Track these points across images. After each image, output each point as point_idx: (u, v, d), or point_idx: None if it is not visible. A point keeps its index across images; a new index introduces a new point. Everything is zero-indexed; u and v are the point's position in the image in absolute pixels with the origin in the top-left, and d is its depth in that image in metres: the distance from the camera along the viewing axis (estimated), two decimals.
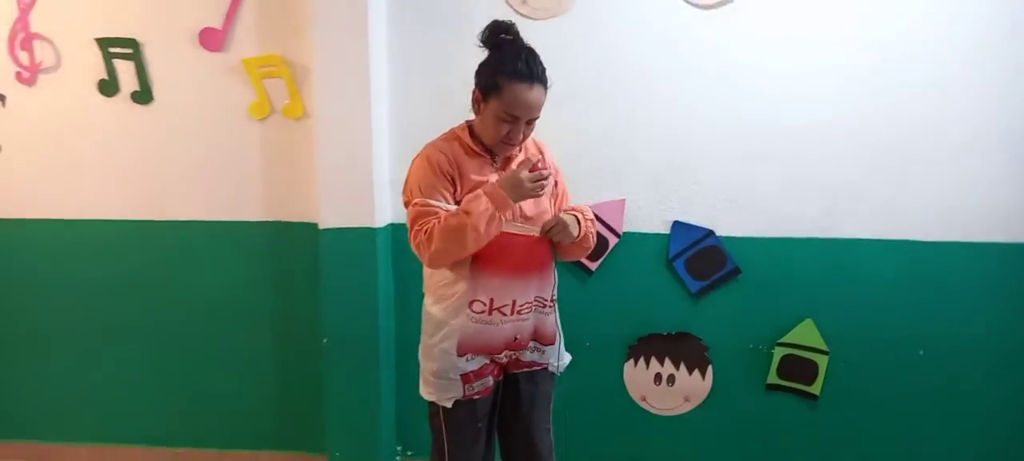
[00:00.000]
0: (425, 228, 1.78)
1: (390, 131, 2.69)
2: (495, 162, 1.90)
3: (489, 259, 1.82)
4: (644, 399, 2.74)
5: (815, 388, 2.64)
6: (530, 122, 1.84)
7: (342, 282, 2.67)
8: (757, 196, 2.58)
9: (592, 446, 2.77)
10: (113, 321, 2.91)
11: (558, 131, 2.49)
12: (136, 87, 2.79)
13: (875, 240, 2.55)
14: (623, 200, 2.64)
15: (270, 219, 2.80)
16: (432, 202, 1.80)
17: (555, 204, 2.00)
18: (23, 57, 2.81)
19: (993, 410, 2.60)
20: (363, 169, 2.59)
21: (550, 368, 2.03)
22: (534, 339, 1.96)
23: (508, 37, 1.83)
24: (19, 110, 2.85)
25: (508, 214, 1.79)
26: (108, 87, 2.80)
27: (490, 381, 1.92)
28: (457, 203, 1.82)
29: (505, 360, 1.95)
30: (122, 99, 2.80)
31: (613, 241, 2.65)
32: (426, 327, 1.94)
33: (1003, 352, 2.57)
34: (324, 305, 2.70)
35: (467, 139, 1.88)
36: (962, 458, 2.63)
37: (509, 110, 1.77)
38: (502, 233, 1.79)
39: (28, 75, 2.82)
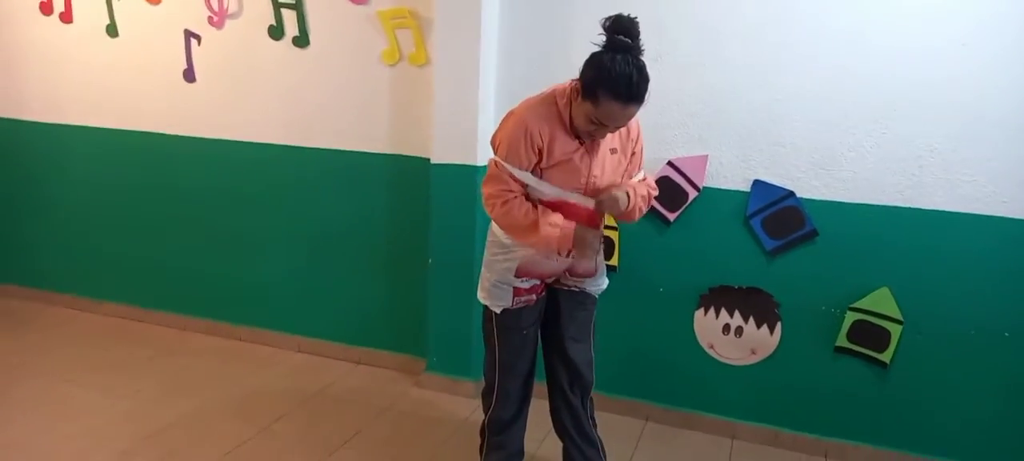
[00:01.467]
0: (503, 199, 2.00)
1: (497, 83, 3.01)
2: (583, 142, 2.04)
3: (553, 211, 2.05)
4: (711, 347, 2.89)
5: (886, 356, 2.66)
6: (616, 128, 1.98)
7: (447, 211, 3.06)
8: (841, 161, 2.61)
9: (659, 385, 2.97)
10: (266, 227, 3.53)
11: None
12: (297, 33, 3.31)
13: (963, 213, 2.50)
14: (706, 156, 2.77)
15: (392, 152, 3.24)
16: (513, 170, 1.99)
17: (628, 166, 2.17)
18: (214, 4, 3.44)
19: None
20: (470, 114, 2.94)
21: (589, 290, 2.28)
22: (580, 275, 2.23)
23: (626, 40, 1.88)
24: (210, 48, 3.50)
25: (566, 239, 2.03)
26: (276, 31, 3.35)
27: (534, 297, 2.19)
28: (538, 172, 2.02)
29: (551, 280, 2.23)
30: (286, 42, 3.35)
31: (692, 194, 2.80)
32: (491, 245, 2.22)
33: None
34: (431, 230, 3.11)
35: (565, 113, 1.99)
36: None
37: (600, 120, 1.92)
38: (565, 202, 2.04)
39: (218, 20, 3.45)
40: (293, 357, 3.48)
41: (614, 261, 2.93)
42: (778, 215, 2.71)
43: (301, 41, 3.32)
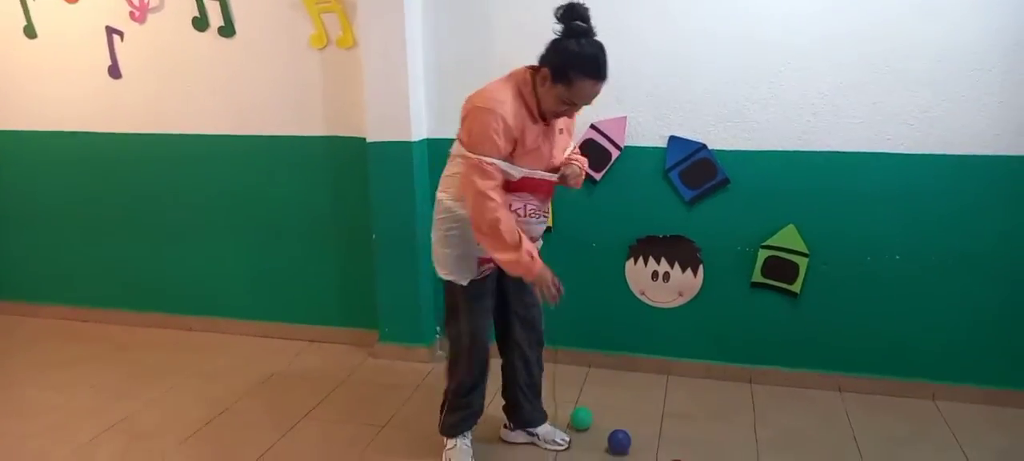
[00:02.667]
0: (493, 209, 2.05)
1: (425, 60, 3.12)
2: (546, 125, 2.19)
3: (520, 186, 2.19)
4: (643, 293, 3.12)
5: (796, 287, 2.94)
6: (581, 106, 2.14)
7: (386, 187, 3.18)
8: (745, 114, 2.85)
9: (598, 332, 3.20)
10: (208, 218, 3.58)
11: None
12: (222, 22, 3.34)
13: (854, 153, 2.78)
14: (625, 117, 2.98)
15: (328, 134, 3.33)
16: (491, 163, 2.07)
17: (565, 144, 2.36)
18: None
19: (959, 309, 2.82)
20: (400, 92, 3.05)
21: None
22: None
23: (583, 25, 2.04)
24: (134, 43, 3.49)
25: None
26: (200, 23, 3.37)
27: (493, 264, 2.31)
28: (509, 157, 2.11)
29: None
30: (211, 33, 3.37)
31: (615, 154, 3.01)
32: (446, 221, 2.24)
33: (975, 259, 2.76)
34: (373, 206, 3.24)
35: (532, 103, 2.12)
36: (928, 351, 2.88)
37: (573, 99, 2.08)
38: (531, 178, 2.19)
39: (139, 14, 3.44)
40: (249, 341, 3.57)
41: (549, 222, 3.11)
42: (693, 167, 2.95)
43: (227, 31, 3.35)
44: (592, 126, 2.99)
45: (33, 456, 2.60)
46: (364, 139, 3.19)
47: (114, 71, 3.53)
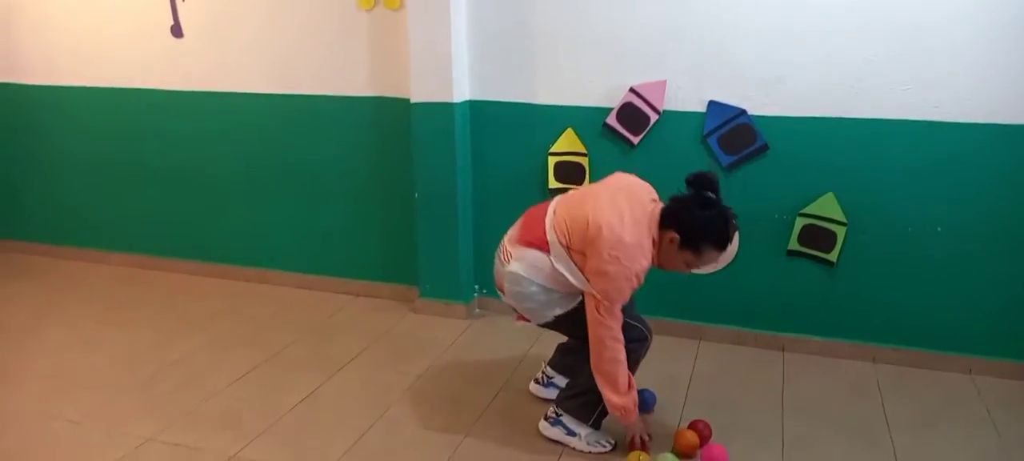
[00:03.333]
0: (614, 349, 2.16)
1: (469, 21, 3.19)
2: None
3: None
4: None
5: (832, 256, 2.93)
6: None
7: (428, 147, 3.28)
8: (786, 79, 2.82)
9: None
10: (259, 173, 3.75)
11: (608, 17, 2.91)
12: None
13: (898, 120, 2.73)
14: (664, 81, 2.98)
15: (374, 94, 3.44)
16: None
17: None
18: None
19: (999, 283, 2.77)
20: (443, 54, 3.13)
21: None
22: None
23: (712, 196, 2.15)
24: (194, 3, 3.65)
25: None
26: None
27: None
28: None
29: None
30: None
31: (653, 118, 3.02)
32: (520, 293, 2.31)
33: (1018, 233, 2.70)
34: (415, 166, 3.34)
35: (654, 253, 2.18)
36: (965, 324, 2.84)
37: (698, 266, 2.20)
38: None
39: None
40: (297, 293, 3.75)
41: (585, 184, 3.17)
42: (732, 133, 2.94)
43: None
44: (631, 89, 3.01)
45: (101, 385, 2.83)
46: (408, 100, 3.28)
47: (176, 30, 3.71)
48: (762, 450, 2.40)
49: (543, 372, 2.73)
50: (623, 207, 2.19)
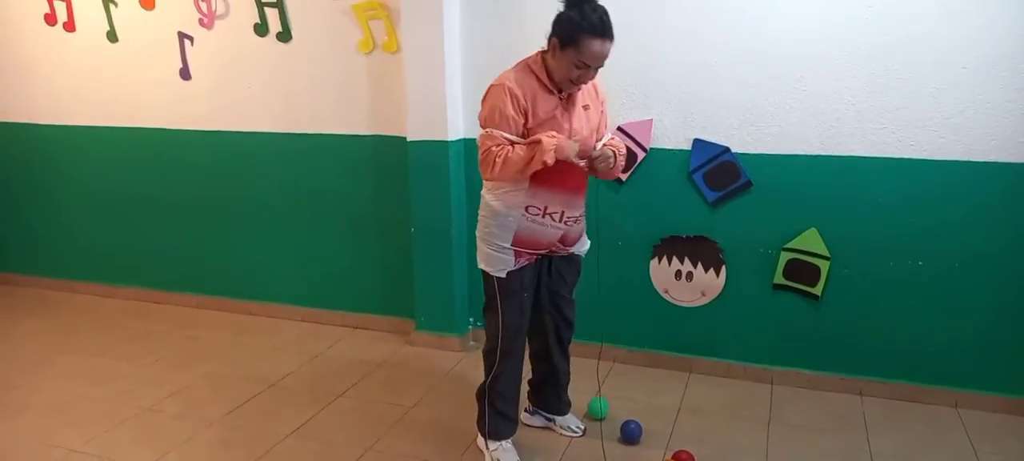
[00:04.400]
0: (497, 155, 2.18)
1: (462, 63, 3.31)
2: (561, 98, 2.26)
3: (547, 177, 2.27)
4: (666, 292, 3.22)
5: (817, 289, 2.98)
6: (597, 69, 2.21)
7: (423, 184, 3.39)
8: (768, 118, 2.91)
9: (622, 328, 3.31)
10: (261, 210, 3.87)
11: None
12: (280, 28, 3.62)
13: (877, 158, 2.80)
14: (651, 120, 3.08)
15: (372, 133, 3.56)
16: (503, 133, 2.20)
17: (599, 126, 2.42)
18: (204, 6, 3.74)
19: (982, 316, 2.81)
20: (438, 94, 3.25)
21: (575, 253, 2.55)
22: (567, 243, 2.46)
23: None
24: (202, 47, 3.82)
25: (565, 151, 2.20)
26: (261, 29, 3.66)
27: (535, 256, 2.40)
28: (525, 133, 2.21)
29: (544, 252, 2.45)
30: (270, 38, 3.65)
31: (641, 155, 3.11)
32: (485, 213, 2.36)
33: (998, 266, 2.75)
34: (412, 202, 3.44)
35: (542, 75, 2.23)
36: (950, 358, 2.88)
37: (584, 60, 2.14)
38: (561, 161, 2.22)
39: (207, 21, 3.76)
40: (296, 326, 3.84)
41: (582, 229, 3.24)
42: (717, 169, 3.02)
43: (284, 36, 3.62)
44: (619, 128, 3.11)
45: (103, 416, 2.91)
46: (404, 138, 3.40)
47: (185, 73, 3.87)
48: None
49: (525, 407, 2.79)
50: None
